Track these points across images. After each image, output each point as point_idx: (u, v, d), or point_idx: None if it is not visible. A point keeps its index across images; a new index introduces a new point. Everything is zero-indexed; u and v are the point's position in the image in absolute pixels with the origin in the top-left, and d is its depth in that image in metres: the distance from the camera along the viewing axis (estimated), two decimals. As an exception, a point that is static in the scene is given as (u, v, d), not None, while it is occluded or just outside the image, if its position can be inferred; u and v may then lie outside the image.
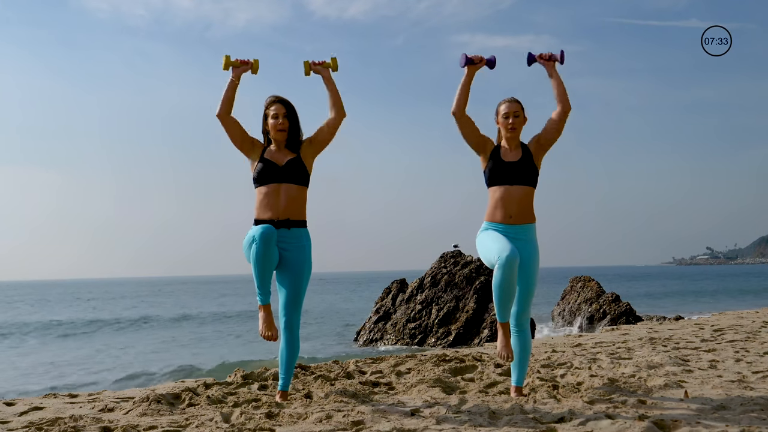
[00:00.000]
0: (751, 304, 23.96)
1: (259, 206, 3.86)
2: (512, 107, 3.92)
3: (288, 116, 3.87)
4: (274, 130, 3.85)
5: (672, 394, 3.91)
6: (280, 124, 3.84)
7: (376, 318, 16.18)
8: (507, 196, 3.87)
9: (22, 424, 3.36)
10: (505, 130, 3.92)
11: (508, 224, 3.86)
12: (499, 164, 3.89)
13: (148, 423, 3.34)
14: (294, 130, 3.90)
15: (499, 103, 3.98)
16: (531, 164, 3.90)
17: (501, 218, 3.88)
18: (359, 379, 4.60)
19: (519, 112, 3.92)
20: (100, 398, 4.15)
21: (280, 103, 3.88)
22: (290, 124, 3.88)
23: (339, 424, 3.25)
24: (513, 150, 3.93)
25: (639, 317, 15.25)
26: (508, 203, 3.87)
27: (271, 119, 3.86)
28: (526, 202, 3.89)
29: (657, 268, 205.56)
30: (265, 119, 3.92)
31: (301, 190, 3.88)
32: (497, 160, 3.90)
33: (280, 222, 3.81)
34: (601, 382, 4.25)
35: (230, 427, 3.22)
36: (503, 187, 3.88)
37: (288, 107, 3.88)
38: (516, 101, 3.95)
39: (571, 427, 3.13)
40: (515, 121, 3.89)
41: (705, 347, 6.17)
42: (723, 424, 3.14)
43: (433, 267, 16.40)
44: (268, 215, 3.82)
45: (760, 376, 4.48)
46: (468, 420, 3.27)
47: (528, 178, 3.89)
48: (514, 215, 3.86)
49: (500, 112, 3.95)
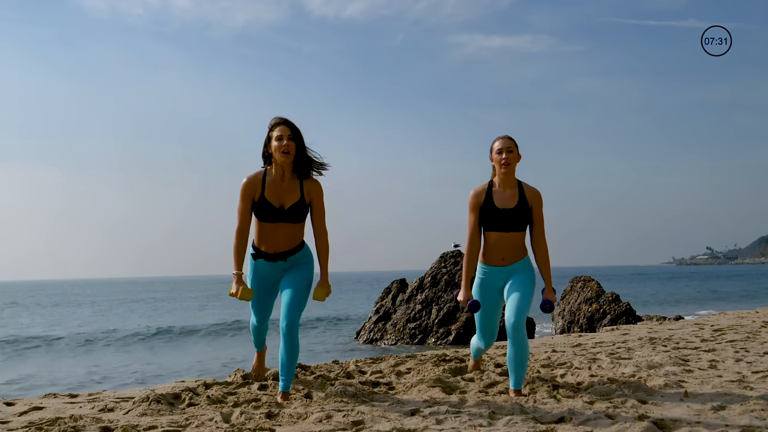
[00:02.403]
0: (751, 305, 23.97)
1: (258, 236, 3.89)
2: (506, 143, 4.01)
3: (293, 138, 3.73)
4: (278, 153, 3.70)
5: (672, 394, 3.91)
6: (285, 146, 3.69)
7: (376, 318, 16.17)
8: (501, 242, 4.03)
9: (22, 424, 3.36)
10: (498, 166, 4.01)
11: (502, 266, 4.07)
12: (493, 212, 4.00)
13: (148, 423, 3.34)
14: (300, 154, 3.77)
15: (494, 140, 4.08)
16: (525, 213, 4.01)
17: (495, 262, 4.08)
18: (359, 379, 4.60)
19: (512, 148, 4.01)
20: (100, 398, 4.15)
21: (284, 125, 3.75)
22: (296, 147, 3.75)
23: (339, 424, 3.25)
24: (508, 190, 4.03)
25: (639, 317, 15.25)
26: (502, 248, 4.04)
27: (275, 141, 3.72)
28: (519, 245, 4.07)
29: (657, 268, 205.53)
30: (267, 142, 3.79)
31: (300, 226, 3.90)
32: (491, 207, 4.01)
33: (277, 255, 3.88)
34: (601, 382, 4.25)
35: (230, 427, 3.22)
36: (497, 233, 4.03)
37: (293, 129, 3.74)
38: (509, 138, 4.05)
39: (571, 427, 3.13)
40: (509, 157, 3.98)
41: (705, 347, 6.17)
42: (723, 424, 3.14)
43: (433, 267, 16.39)
44: (266, 248, 3.88)
45: (760, 376, 4.48)
46: (468, 420, 3.27)
47: (522, 225, 4.04)
48: (507, 258, 4.06)
49: (494, 148, 4.05)
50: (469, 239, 4.06)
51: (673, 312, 21.34)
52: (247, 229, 3.82)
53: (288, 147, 3.71)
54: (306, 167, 3.82)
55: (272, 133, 3.76)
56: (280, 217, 3.79)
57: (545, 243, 4.06)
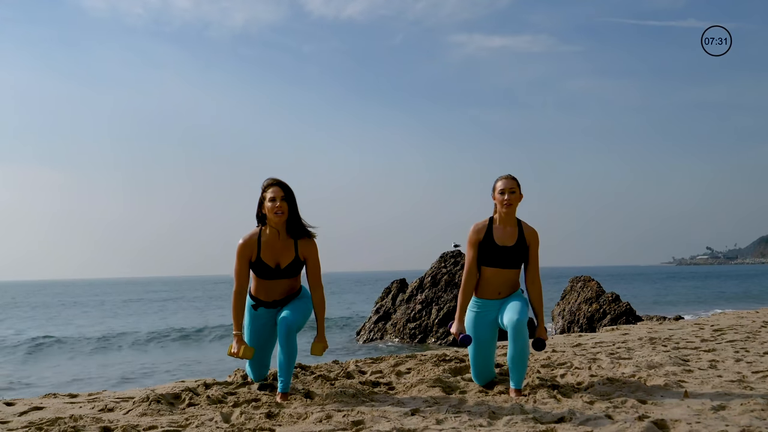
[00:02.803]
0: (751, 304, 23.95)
1: (256, 288, 4.01)
2: (508, 184, 4.05)
3: (286, 199, 3.83)
4: (272, 213, 3.81)
5: (672, 394, 3.91)
6: (278, 207, 3.80)
7: (376, 318, 16.17)
8: (497, 278, 4.09)
9: (22, 424, 3.36)
10: (500, 206, 4.06)
11: (497, 299, 4.12)
12: (492, 249, 4.05)
13: (148, 423, 3.34)
14: (293, 215, 3.87)
15: (496, 179, 4.12)
16: (523, 251, 4.08)
17: (489, 295, 4.13)
18: (359, 379, 4.60)
19: (515, 188, 4.05)
20: (100, 398, 4.15)
21: (277, 186, 3.85)
22: (288, 207, 3.84)
23: (339, 424, 3.25)
24: (508, 228, 4.08)
25: (639, 317, 15.24)
26: (498, 284, 4.10)
27: (268, 202, 3.82)
28: (514, 281, 4.15)
29: (657, 268, 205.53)
30: (261, 203, 3.88)
31: (297, 277, 4.03)
32: (491, 243, 4.05)
33: (276, 302, 4.03)
34: (601, 382, 4.25)
35: (230, 427, 3.22)
36: (494, 269, 4.07)
37: (286, 190, 3.85)
38: (512, 178, 4.09)
39: (571, 427, 3.13)
40: (511, 198, 4.02)
41: (705, 347, 6.17)
42: (723, 424, 3.15)
43: (433, 267, 16.40)
44: (263, 297, 4.01)
45: (760, 376, 4.48)
46: (468, 420, 3.27)
47: (519, 263, 4.10)
48: (503, 292, 4.12)
49: (497, 188, 4.09)
50: (466, 272, 4.09)
51: (673, 312, 21.34)
52: (245, 290, 3.94)
53: (281, 208, 3.81)
54: (299, 229, 3.91)
55: (265, 194, 3.86)
56: (276, 275, 3.92)
57: (539, 282, 4.13)
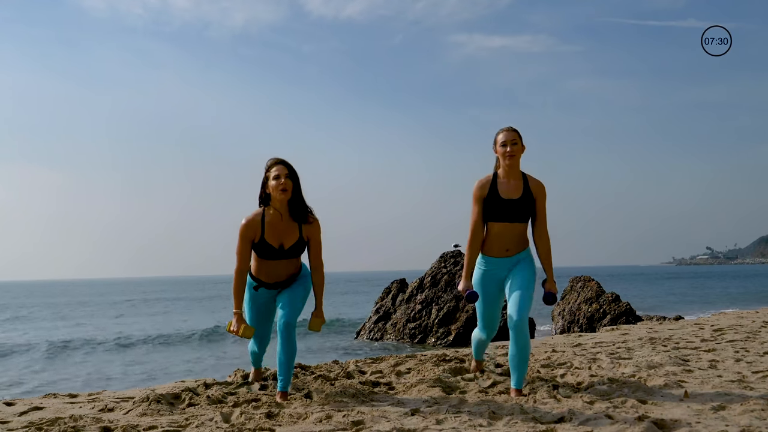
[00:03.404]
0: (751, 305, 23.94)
1: (258, 269, 4.00)
2: (509, 135, 3.99)
3: (290, 177, 3.85)
4: (276, 191, 3.82)
5: (672, 394, 3.91)
6: (282, 185, 3.82)
7: (376, 318, 16.17)
8: (505, 233, 4.00)
9: (22, 424, 3.36)
10: (503, 159, 4.00)
11: (505, 257, 4.04)
12: (498, 202, 3.97)
13: (148, 423, 3.34)
14: (296, 193, 3.89)
15: (497, 132, 4.06)
16: (530, 204, 3.99)
17: (497, 253, 4.04)
18: (359, 379, 4.60)
19: (516, 140, 3.99)
20: (100, 398, 4.15)
21: (281, 164, 3.88)
22: (292, 186, 3.86)
23: (339, 424, 3.25)
24: (512, 182, 4.01)
25: (639, 317, 15.24)
26: (506, 239, 4.01)
27: (272, 180, 3.84)
28: (522, 236, 4.05)
29: (657, 268, 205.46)
30: (265, 182, 3.90)
31: (299, 258, 4.04)
32: (495, 197, 3.98)
33: (278, 283, 4.04)
34: (601, 382, 4.25)
35: (230, 427, 3.22)
36: (501, 224, 3.99)
37: (290, 169, 3.88)
38: (513, 129, 4.03)
39: (571, 427, 3.13)
40: (513, 149, 3.97)
41: (705, 347, 6.17)
42: (723, 424, 3.14)
43: (433, 267, 16.39)
44: (265, 278, 4.02)
45: (760, 376, 4.48)
46: (468, 420, 3.27)
47: (526, 216, 4.01)
48: (512, 249, 4.03)
49: (498, 140, 4.03)
50: (472, 230, 4.03)
51: (673, 312, 21.33)
52: (246, 270, 3.95)
53: (286, 185, 3.82)
54: (302, 211, 3.92)
55: (269, 173, 3.88)
56: (279, 255, 3.92)
57: (548, 235, 4.05)
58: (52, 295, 64.76)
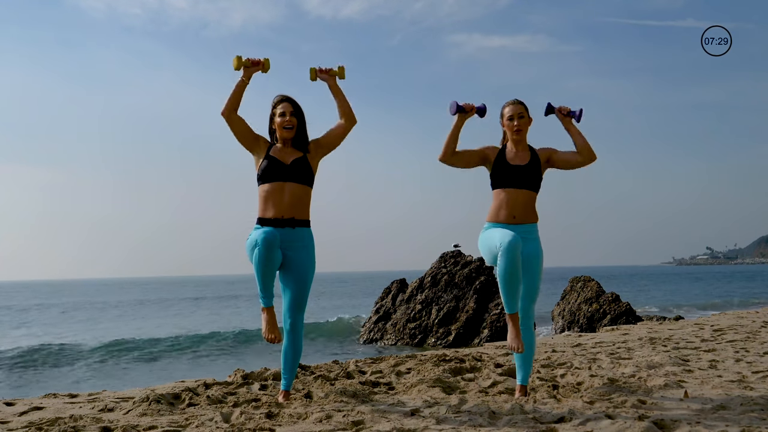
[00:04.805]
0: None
1: (263, 204, 3.86)
2: (516, 109, 3.93)
3: (295, 114, 3.93)
4: (281, 128, 3.89)
5: (672, 394, 3.91)
6: (288, 122, 3.88)
7: (376, 318, 16.17)
8: (512, 199, 3.88)
9: (22, 424, 3.36)
10: (510, 132, 3.94)
11: (512, 224, 3.87)
12: (505, 167, 3.90)
13: (148, 423, 3.34)
14: (301, 129, 3.95)
15: (503, 105, 4.00)
16: (537, 170, 3.91)
17: (504, 218, 3.88)
18: (359, 379, 4.60)
19: (523, 113, 3.94)
20: (100, 398, 4.15)
21: (287, 102, 3.94)
22: (297, 122, 3.93)
23: (339, 424, 3.25)
24: (520, 152, 3.94)
25: (639, 317, 15.24)
26: (512, 205, 3.87)
27: (278, 117, 3.91)
28: (530, 205, 3.91)
29: (657, 268, 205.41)
30: (272, 118, 3.96)
31: (305, 190, 3.89)
32: (503, 163, 3.91)
33: (284, 221, 3.82)
34: (601, 382, 4.25)
35: (230, 427, 3.22)
36: (508, 190, 3.89)
37: (295, 106, 3.95)
38: (520, 102, 3.96)
39: (571, 427, 3.13)
40: (520, 123, 3.91)
41: (705, 347, 6.17)
42: (723, 424, 3.14)
43: (433, 267, 16.39)
44: (272, 213, 3.82)
45: (760, 376, 4.48)
46: (468, 420, 3.27)
47: (533, 184, 3.90)
48: (518, 216, 3.87)
49: (505, 114, 3.97)
50: (451, 137, 3.89)
51: (673, 312, 21.33)
52: (234, 108, 3.86)
53: (291, 122, 3.89)
54: (304, 142, 3.96)
55: (275, 110, 3.94)
56: (284, 173, 3.83)
57: None
58: (69, 295, 63.77)
